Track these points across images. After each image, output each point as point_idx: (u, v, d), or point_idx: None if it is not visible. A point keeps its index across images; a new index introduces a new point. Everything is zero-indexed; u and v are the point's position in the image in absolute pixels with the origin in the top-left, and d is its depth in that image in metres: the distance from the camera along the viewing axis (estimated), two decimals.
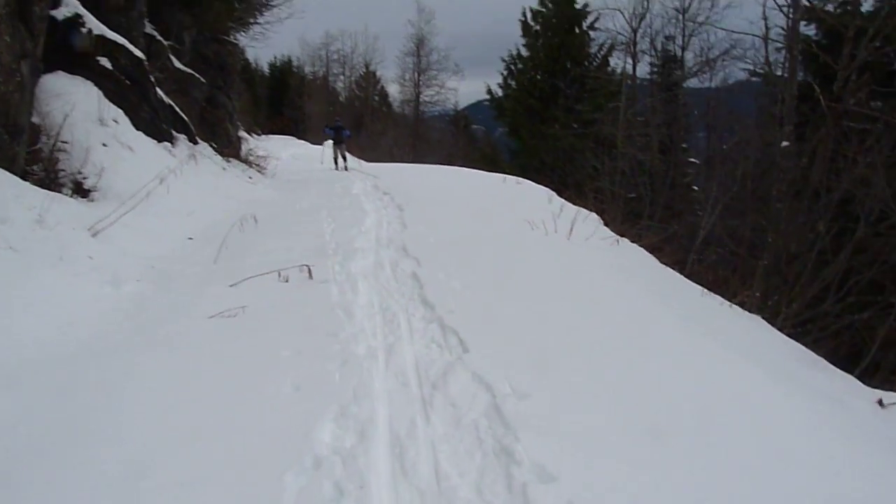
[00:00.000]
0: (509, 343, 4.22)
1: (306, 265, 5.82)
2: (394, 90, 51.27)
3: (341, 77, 61.83)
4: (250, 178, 13.94)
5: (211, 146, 14.33)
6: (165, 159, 10.44)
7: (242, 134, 41.09)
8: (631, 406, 3.42)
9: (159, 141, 11.00)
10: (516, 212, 9.40)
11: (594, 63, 24.88)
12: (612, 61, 24.97)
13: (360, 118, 52.89)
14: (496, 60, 26.78)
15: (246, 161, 16.98)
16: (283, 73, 69.34)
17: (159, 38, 12.77)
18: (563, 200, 10.96)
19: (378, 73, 56.90)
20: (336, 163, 18.52)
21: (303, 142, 49.36)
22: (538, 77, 24.96)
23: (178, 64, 13.07)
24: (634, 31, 22.12)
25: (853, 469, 3.00)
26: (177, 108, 12.32)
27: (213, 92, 15.37)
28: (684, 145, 24.93)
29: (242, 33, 17.91)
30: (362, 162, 33.22)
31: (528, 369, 3.78)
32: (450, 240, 7.38)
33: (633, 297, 5.63)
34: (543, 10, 24.76)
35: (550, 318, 4.77)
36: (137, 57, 10.82)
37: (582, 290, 5.57)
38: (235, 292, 5.38)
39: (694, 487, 2.72)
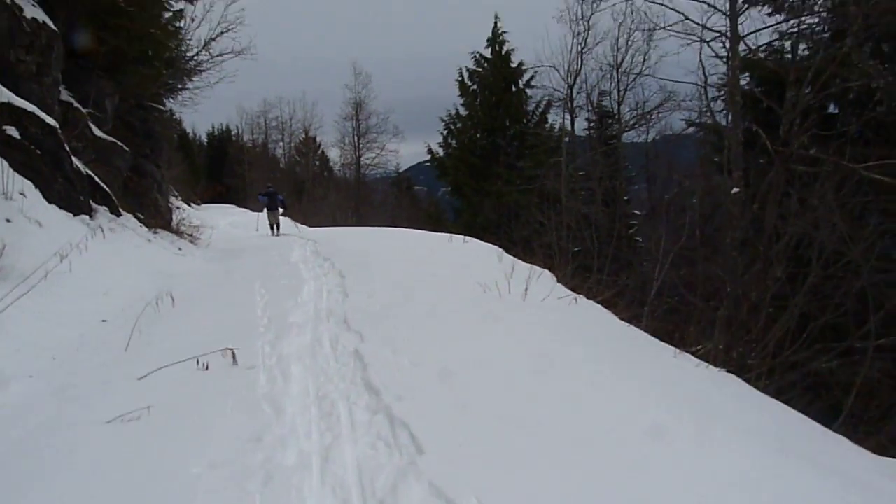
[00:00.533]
0: (472, 436, 3.53)
1: (230, 349, 5.03)
2: (334, 154, 51.10)
3: (281, 143, 61.59)
4: (180, 249, 13.03)
5: (136, 217, 13.42)
6: (81, 233, 9.53)
7: (178, 203, 40.00)
8: None
9: (75, 214, 10.10)
10: (466, 273, 8.81)
11: (533, 120, 25.05)
12: (551, 117, 25.21)
13: (301, 183, 52.31)
14: (435, 122, 26.75)
15: (177, 231, 16.05)
16: (222, 141, 68.65)
17: (77, 105, 11.96)
18: (513, 258, 10.44)
19: (318, 139, 56.78)
20: (272, 228, 19.01)
21: (243, 209, 48.26)
22: (478, 135, 24.91)
23: (98, 132, 12.25)
24: (570, 88, 22.35)
25: None
26: (97, 179, 11.45)
27: (138, 160, 14.54)
28: (626, 197, 25.08)
29: (171, 99, 17.22)
30: (301, 226, 32.46)
31: (498, 471, 3.09)
32: (396, 308, 6.69)
33: (603, 368, 5.03)
34: (479, 69, 24.91)
35: (517, 400, 4.10)
36: (50, 125, 9.99)
37: (548, 364, 4.93)
38: (144, 386, 4.55)
39: None
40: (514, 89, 24.69)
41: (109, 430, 3.82)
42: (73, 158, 10.59)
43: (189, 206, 46.21)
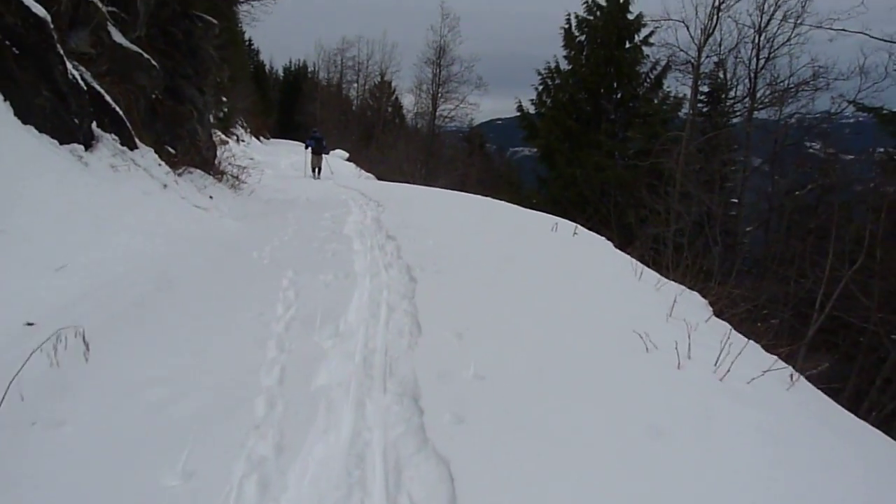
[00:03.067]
0: None
1: None
2: (408, 102, 48.13)
3: (355, 84, 59.27)
4: (211, 198, 10.33)
5: (166, 151, 10.78)
6: (57, 170, 6.85)
7: (244, 136, 37.97)
8: None
9: (63, 141, 7.43)
10: (600, 298, 5.78)
11: (645, 84, 21.26)
12: (667, 83, 21.27)
13: (371, 128, 49.84)
14: (516, 81, 23.31)
15: (218, 171, 13.43)
16: (298, 77, 67.19)
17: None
18: (658, 276, 7.35)
19: (393, 84, 54.09)
20: (314, 171, 20.15)
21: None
22: (580, 95, 21.32)
23: (119, 38, 9.52)
24: (699, 49, 18.54)
25: None
26: (107, 98, 8.76)
27: (177, 82, 11.85)
28: (727, 184, 21.21)
29: (234, 9, 14.36)
30: (365, 174, 30.22)
31: None
32: (506, 382, 3.71)
33: None
34: (591, 17, 21.16)
35: None
36: (38, 17, 7.27)
37: None
38: None
39: None
40: (627, 45, 20.92)
41: None
42: (71, 66, 7.89)
43: (258, 139, 44.19)
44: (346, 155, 41.15)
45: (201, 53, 12.40)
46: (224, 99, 33.21)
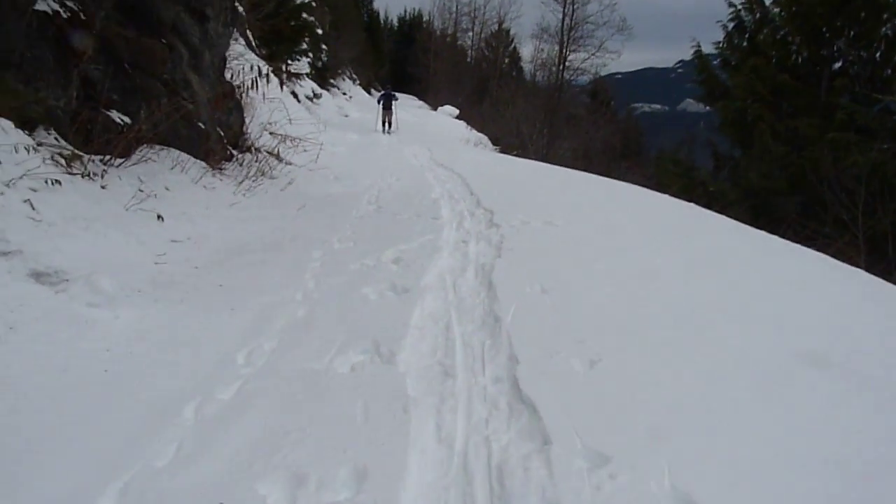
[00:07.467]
0: None
1: None
2: (527, 52, 41.67)
3: (470, 34, 53.44)
4: (160, 217, 5.11)
5: (114, 120, 5.73)
6: None
7: (351, 88, 33.49)
8: None
9: None
10: None
11: (885, 14, 13.98)
12: None
13: (485, 82, 43.96)
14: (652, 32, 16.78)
15: (245, 149, 8.31)
16: (412, 27, 63.61)
17: None
18: None
19: (512, 32, 47.91)
20: (384, 126, 20.77)
21: (421, 103, 41.09)
22: (795, 39, 14.46)
23: None
24: None
25: None
26: None
27: (156, 3, 6.61)
28: None
29: None
30: (475, 134, 26.52)
31: None
32: None
33: None
34: None
35: None
36: None
37: None
38: None
39: None
40: None
41: None
42: None
43: (368, 92, 39.63)
44: (456, 112, 35.56)
45: None
46: (324, 47, 28.74)
